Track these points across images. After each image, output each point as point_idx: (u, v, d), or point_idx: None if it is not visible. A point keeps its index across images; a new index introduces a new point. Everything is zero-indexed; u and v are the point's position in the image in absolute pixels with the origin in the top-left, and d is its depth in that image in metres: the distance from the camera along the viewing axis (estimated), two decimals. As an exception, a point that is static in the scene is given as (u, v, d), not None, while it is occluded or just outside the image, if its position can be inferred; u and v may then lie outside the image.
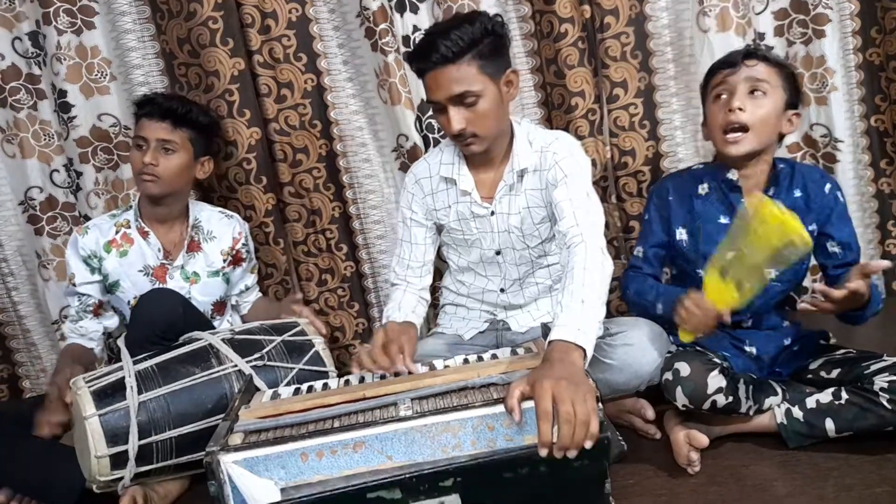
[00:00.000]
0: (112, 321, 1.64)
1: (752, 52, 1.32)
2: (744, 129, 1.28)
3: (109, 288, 1.61)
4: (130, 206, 1.66)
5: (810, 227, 1.33)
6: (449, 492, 0.93)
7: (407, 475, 0.92)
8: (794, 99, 1.34)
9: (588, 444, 0.90)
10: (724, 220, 1.36)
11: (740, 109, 1.27)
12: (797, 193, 1.34)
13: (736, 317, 1.38)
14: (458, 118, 1.30)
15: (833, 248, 1.34)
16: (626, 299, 1.50)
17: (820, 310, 1.20)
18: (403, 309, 1.45)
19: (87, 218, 1.83)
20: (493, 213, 1.43)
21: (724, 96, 1.31)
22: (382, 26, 1.71)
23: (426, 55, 1.29)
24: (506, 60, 1.36)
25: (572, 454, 0.90)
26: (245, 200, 1.81)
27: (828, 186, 1.35)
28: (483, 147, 1.36)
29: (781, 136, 1.35)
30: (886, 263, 1.17)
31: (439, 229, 1.55)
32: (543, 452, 0.90)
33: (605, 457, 0.94)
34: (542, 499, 0.96)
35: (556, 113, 1.78)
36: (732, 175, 1.35)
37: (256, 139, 1.77)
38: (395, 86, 1.74)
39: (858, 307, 1.21)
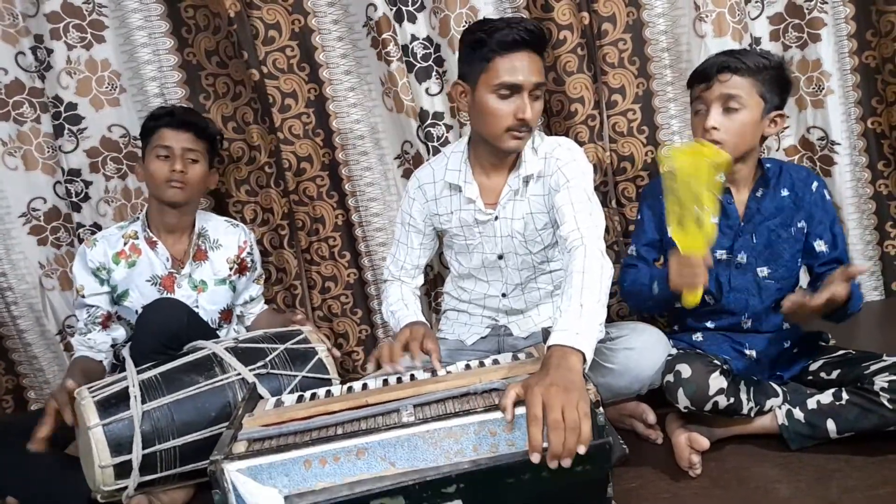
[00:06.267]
0: (119, 332, 1.64)
1: (725, 66, 1.30)
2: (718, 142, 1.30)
3: (118, 298, 1.62)
4: (138, 218, 1.67)
5: (799, 225, 1.35)
6: (452, 498, 0.93)
7: (410, 482, 0.92)
8: (779, 100, 1.33)
9: (581, 450, 0.87)
10: (713, 220, 1.37)
11: (714, 129, 1.29)
12: (784, 192, 1.36)
13: (733, 318, 1.39)
14: (530, 107, 1.32)
15: (820, 246, 1.35)
16: (622, 293, 1.53)
17: (800, 311, 1.19)
18: (411, 307, 1.49)
19: (97, 226, 1.86)
20: (496, 217, 1.44)
21: (700, 111, 1.33)
22: (385, 35, 1.73)
23: (520, 35, 1.28)
24: None
25: (566, 463, 0.87)
26: (264, 204, 1.86)
27: (815, 185, 1.36)
28: (524, 143, 1.38)
29: (764, 137, 1.36)
30: (867, 267, 1.17)
31: (440, 234, 1.56)
32: (535, 458, 0.88)
33: (607, 462, 0.93)
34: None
35: (555, 119, 1.79)
36: (718, 177, 1.36)
37: (276, 144, 1.82)
38: (398, 94, 1.76)
39: (839, 307, 1.20)
